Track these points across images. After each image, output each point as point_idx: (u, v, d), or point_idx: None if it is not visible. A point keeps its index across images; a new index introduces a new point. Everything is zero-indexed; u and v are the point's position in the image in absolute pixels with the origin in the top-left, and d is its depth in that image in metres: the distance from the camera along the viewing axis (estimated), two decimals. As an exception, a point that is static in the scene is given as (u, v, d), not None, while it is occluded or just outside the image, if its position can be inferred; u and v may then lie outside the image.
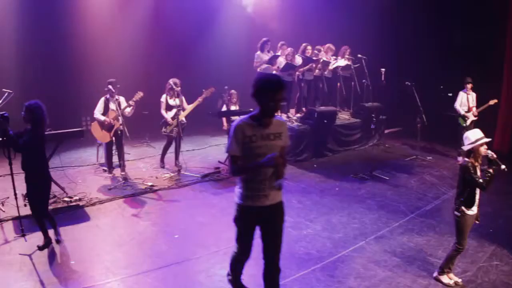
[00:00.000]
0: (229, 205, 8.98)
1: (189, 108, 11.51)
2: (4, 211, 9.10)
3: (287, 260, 6.89)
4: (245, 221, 5.32)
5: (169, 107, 11.50)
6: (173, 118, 11.37)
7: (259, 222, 5.31)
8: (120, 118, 10.37)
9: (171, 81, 11.34)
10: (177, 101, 11.37)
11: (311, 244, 7.73)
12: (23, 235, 7.85)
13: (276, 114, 4.97)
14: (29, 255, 7.36)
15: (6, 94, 9.40)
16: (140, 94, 10.66)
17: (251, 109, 12.40)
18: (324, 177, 11.48)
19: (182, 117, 11.35)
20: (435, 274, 6.76)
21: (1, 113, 7.23)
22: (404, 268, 7.06)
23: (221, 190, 10.56)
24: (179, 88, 11.35)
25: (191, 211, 9.36)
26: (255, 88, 4.83)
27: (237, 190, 5.24)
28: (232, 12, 17.43)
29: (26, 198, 9.37)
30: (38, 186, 7.48)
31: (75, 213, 9.01)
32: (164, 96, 11.51)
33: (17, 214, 8.74)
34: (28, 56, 14.21)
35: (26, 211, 8.63)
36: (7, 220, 8.74)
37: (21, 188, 10.06)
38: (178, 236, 8.19)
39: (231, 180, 11.04)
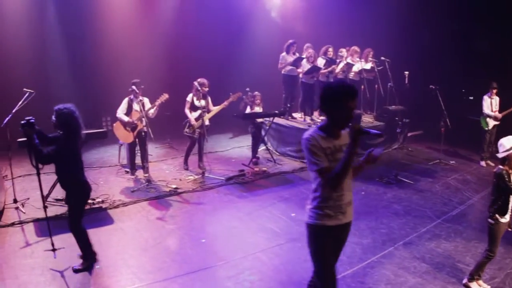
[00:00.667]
0: (255, 209, 9.14)
1: (214, 110, 11.25)
2: (24, 213, 8.81)
3: None
4: (326, 242, 4.74)
5: (194, 108, 11.14)
6: (196, 119, 11.05)
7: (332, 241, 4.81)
8: (144, 119, 10.08)
9: (197, 81, 10.99)
10: (203, 103, 11.08)
11: None
12: (53, 250, 7.17)
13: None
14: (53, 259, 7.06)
15: (27, 94, 9.03)
16: (165, 96, 10.43)
17: (276, 111, 12.76)
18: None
19: (206, 119, 11.06)
20: (464, 281, 6.57)
21: (27, 118, 6.29)
22: (434, 274, 6.85)
23: (246, 194, 10.21)
24: (206, 89, 11.05)
25: (217, 214, 9.05)
26: (325, 98, 4.41)
27: (311, 209, 4.68)
28: (257, 14, 17.27)
29: (46, 200, 9.19)
30: (73, 197, 6.72)
31: (98, 216, 8.71)
32: (190, 95, 11.17)
33: (37, 216, 8.56)
34: (49, 55, 14.07)
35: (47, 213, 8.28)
36: (28, 222, 8.45)
37: (42, 188, 9.94)
38: (205, 240, 7.89)
39: (256, 184, 10.83)
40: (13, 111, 8.77)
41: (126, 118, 10.50)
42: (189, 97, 11.17)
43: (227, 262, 7.08)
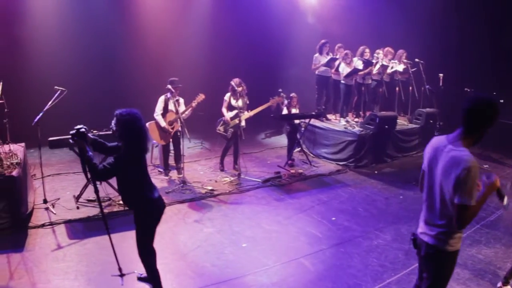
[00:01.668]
0: (294, 212, 8.63)
1: (251, 112, 10.81)
2: (55, 213, 8.30)
3: (361, 272, 6.54)
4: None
5: (230, 107, 10.73)
6: (232, 118, 10.63)
7: None
8: (179, 119, 9.65)
9: (234, 81, 10.56)
10: (240, 103, 10.63)
11: (383, 256, 7.09)
12: (121, 276, 6.09)
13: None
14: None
15: (58, 92, 8.54)
16: (201, 97, 10.04)
17: (313, 113, 12.18)
18: (387, 184, 10.67)
19: (242, 119, 10.56)
20: (499, 285, 6.28)
21: (77, 127, 5.22)
22: (477, 281, 6.49)
23: (284, 196, 9.65)
24: (241, 88, 10.57)
25: (256, 218, 8.50)
26: (491, 116, 3.88)
27: (444, 236, 4.17)
28: (291, 15, 16.80)
29: (78, 200, 8.75)
30: (140, 216, 5.50)
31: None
32: (228, 94, 10.77)
33: (69, 217, 8.06)
34: (80, 54, 13.72)
35: (77, 214, 8.18)
36: (59, 224, 7.94)
37: (72, 188, 9.54)
38: (246, 245, 7.39)
39: (293, 186, 10.33)
40: (44, 109, 8.36)
41: (163, 123, 10.07)
42: (226, 96, 10.78)
43: (270, 268, 6.66)
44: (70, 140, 5.25)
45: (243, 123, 10.56)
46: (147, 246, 5.58)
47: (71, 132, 5.21)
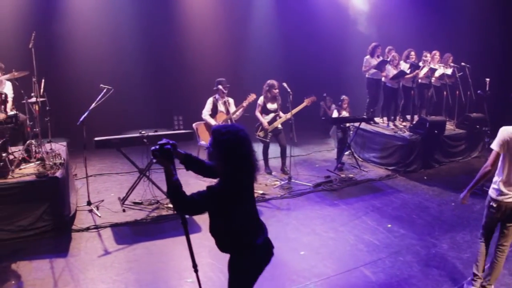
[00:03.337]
0: (349, 219, 8.14)
1: (289, 114, 10.06)
2: (99, 216, 7.65)
3: (422, 282, 6.06)
4: None
5: (266, 111, 10.15)
6: (269, 122, 10.06)
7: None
8: (229, 120, 9.22)
9: (267, 83, 10.10)
10: (275, 105, 10.15)
11: (442, 265, 6.57)
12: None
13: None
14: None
15: (104, 90, 8.04)
16: (253, 96, 9.62)
17: (364, 116, 11.37)
18: (437, 190, 9.91)
19: (278, 123, 10.09)
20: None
21: (161, 142, 3.61)
22: None
23: (337, 202, 8.91)
24: (277, 90, 10.02)
25: (311, 224, 7.78)
26: None
27: None
28: (338, 16, 16.28)
29: (123, 203, 8.11)
30: (238, 266, 3.85)
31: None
32: (261, 98, 10.17)
33: (115, 221, 7.41)
34: (125, 53, 13.55)
35: (124, 217, 7.60)
36: (105, 227, 7.29)
37: (116, 190, 8.91)
38: (304, 253, 6.73)
39: (345, 191, 9.60)
40: (90, 108, 7.85)
41: (213, 122, 9.53)
42: (260, 100, 10.18)
43: (331, 277, 6.08)
44: (153, 160, 3.68)
45: (279, 126, 10.15)
46: None
47: (152, 148, 3.61)
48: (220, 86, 9.43)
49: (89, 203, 7.93)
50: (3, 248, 6.45)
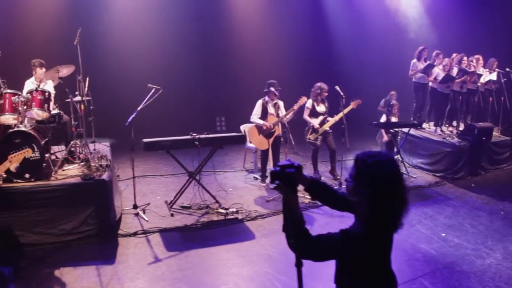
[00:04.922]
0: (403, 227, 7.15)
1: (337, 117, 9.70)
2: (147, 220, 7.07)
3: None
4: None
5: (315, 114, 9.68)
6: (319, 125, 9.62)
7: None
8: (281, 124, 8.94)
9: (318, 85, 9.67)
10: (323, 108, 9.74)
11: (497, 275, 6.18)
12: None
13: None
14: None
15: (153, 90, 7.52)
16: (304, 99, 9.10)
17: (415, 121, 10.58)
18: (486, 199, 9.36)
19: (328, 126, 9.66)
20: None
21: (283, 163, 2.73)
22: None
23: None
24: (326, 94, 9.66)
25: None
26: None
27: None
28: (384, 19, 15.73)
29: (171, 207, 7.55)
30: None
31: (236, 228, 6.94)
32: (310, 101, 9.64)
33: (164, 226, 6.83)
34: (172, 53, 13.27)
35: (172, 222, 7.02)
36: (154, 232, 6.70)
37: (161, 193, 8.38)
38: None
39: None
40: (138, 108, 7.36)
41: (261, 122, 9.02)
42: (308, 103, 9.65)
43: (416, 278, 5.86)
44: (271, 185, 2.77)
45: (328, 128, 9.78)
46: None
47: (272, 170, 2.71)
48: (272, 88, 8.98)
49: (135, 207, 7.41)
50: (45, 253, 5.98)
